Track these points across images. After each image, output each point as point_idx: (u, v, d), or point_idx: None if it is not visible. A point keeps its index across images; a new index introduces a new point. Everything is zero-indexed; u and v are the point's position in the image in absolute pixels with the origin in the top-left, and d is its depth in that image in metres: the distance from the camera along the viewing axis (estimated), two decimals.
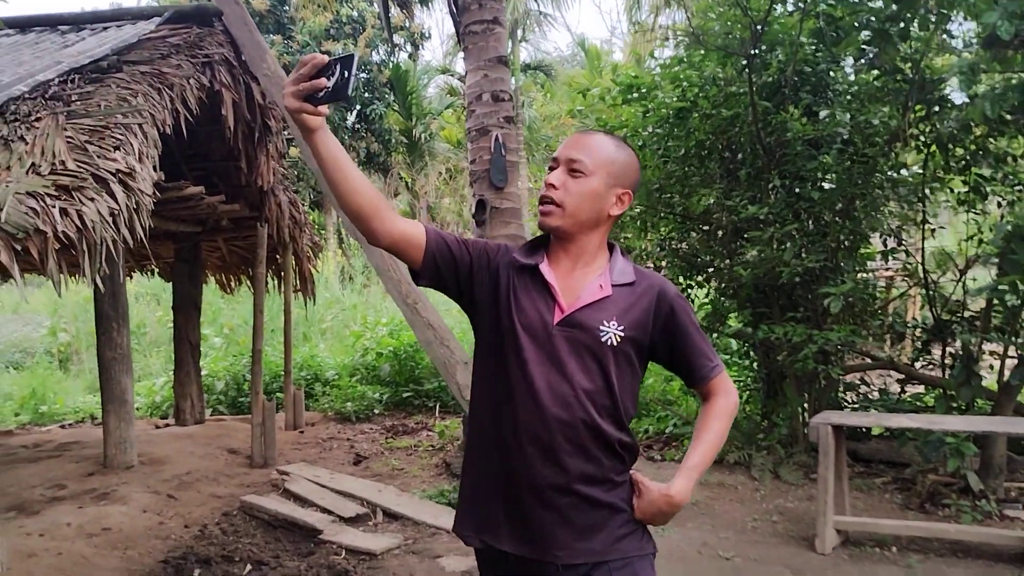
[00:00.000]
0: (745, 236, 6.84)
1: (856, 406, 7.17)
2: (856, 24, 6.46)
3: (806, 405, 7.21)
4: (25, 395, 11.62)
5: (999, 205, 7.33)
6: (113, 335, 7.02)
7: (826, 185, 7.07)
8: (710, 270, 7.75)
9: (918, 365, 7.21)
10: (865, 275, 7.62)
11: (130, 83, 5.34)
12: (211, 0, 6.57)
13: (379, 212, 1.97)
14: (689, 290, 7.97)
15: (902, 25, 6.14)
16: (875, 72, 6.87)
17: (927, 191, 7.10)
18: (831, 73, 7.10)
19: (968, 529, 5.10)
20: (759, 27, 6.52)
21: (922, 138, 6.97)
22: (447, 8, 7.78)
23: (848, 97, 7.03)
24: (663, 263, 8.12)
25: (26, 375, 12.95)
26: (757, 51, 6.71)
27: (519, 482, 2.00)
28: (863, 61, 6.98)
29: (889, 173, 7.11)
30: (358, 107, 21.46)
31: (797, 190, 6.83)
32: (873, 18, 6.35)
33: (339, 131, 20.75)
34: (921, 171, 7.05)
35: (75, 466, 7.10)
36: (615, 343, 2.01)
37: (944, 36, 6.72)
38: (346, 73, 1.77)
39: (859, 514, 5.63)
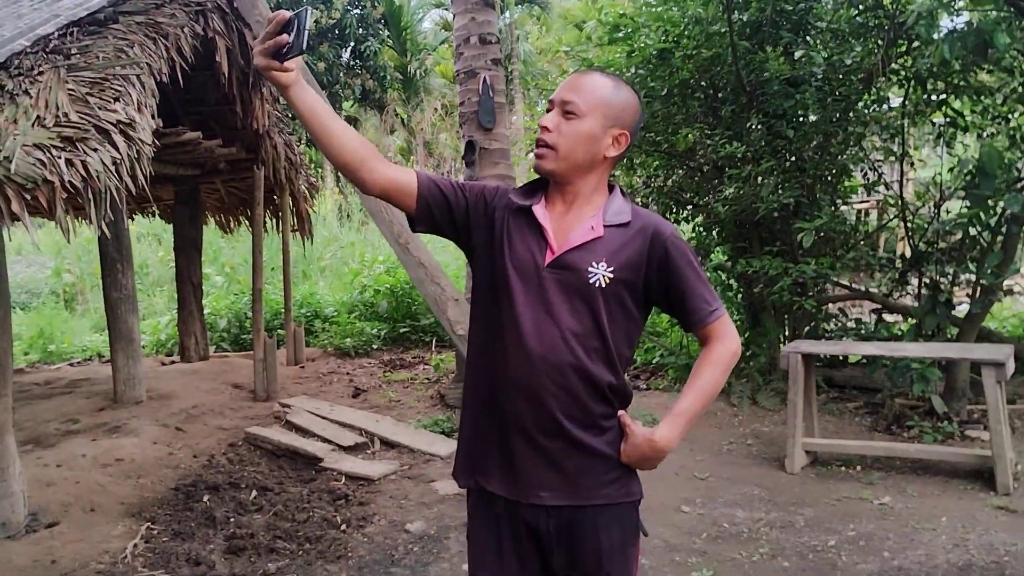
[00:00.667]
0: (727, 173, 7.07)
1: (834, 335, 7.47)
2: None
3: (786, 334, 7.52)
4: (33, 335, 11.93)
5: (979, 137, 7.55)
6: (118, 276, 7.30)
7: (810, 119, 7.27)
8: (689, 208, 7.98)
9: (897, 295, 7.49)
10: (844, 208, 7.84)
11: (127, 34, 5.52)
12: None
13: (366, 162, 1.99)
14: (675, 225, 8.23)
15: None
16: (856, 9, 7.01)
17: (906, 125, 7.31)
18: (812, 10, 7.24)
19: (927, 448, 5.45)
20: None
21: (902, 72, 7.14)
22: None
23: (828, 35, 7.19)
24: (650, 199, 8.36)
25: (33, 315, 13.25)
26: None
27: (509, 424, 2.01)
28: None
29: (872, 107, 7.30)
30: (352, 44, 21.43)
31: (779, 128, 7.04)
32: None
33: (334, 68, 20.75)
34: (902, 105, 7.25)
35: (86, 401, 7.44)
36: (603, 284, 1.98)
37: None
38: (301, 28, 1.81)
39: (829, 436, 5.97)
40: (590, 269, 1.98)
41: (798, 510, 4.77)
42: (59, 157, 4.22)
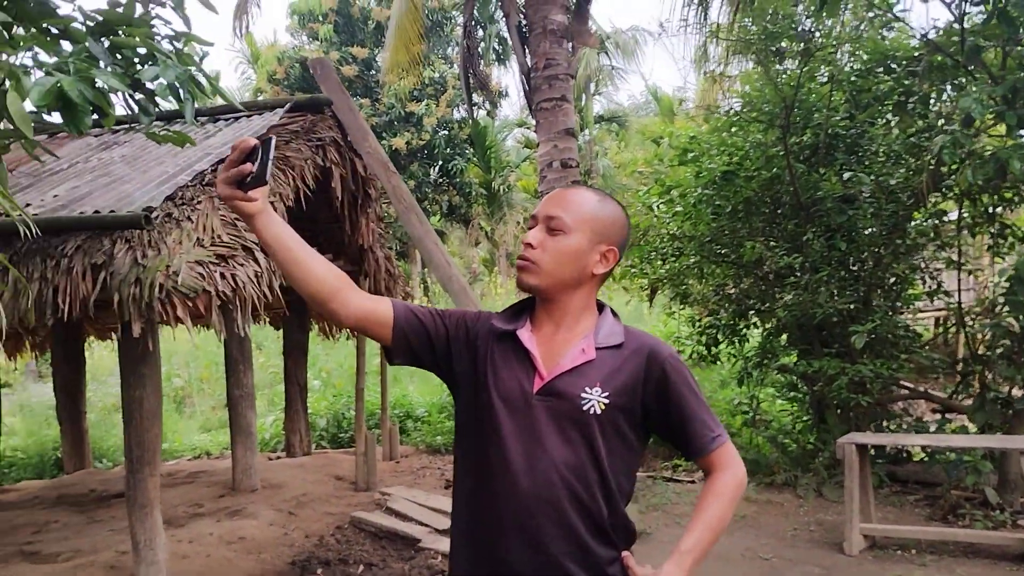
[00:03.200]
0: (787, 281, 7.71)
1: (896, 431, 7.91)
2: (877, 94, 7.33)
3: (850, 431, 7.98)
4: None
5: None
6: (240, 376, 8.20)
7: (865, 233, 7.89)
8: (751, 313, 8.61)
9: (961, 397, 7.89)
10: (901, 314, 8.32)
11: None
12: (322, 92, 7.75)
13: (337, 293, 1.90)
14: (745, 330, 8.87)
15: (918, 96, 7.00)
16: (910, 130, 7.64)
17: (963, 236, 7.86)
18: (865, 134, 7.93)
19: (976, 532, 5.89)
20: (790, 104, 7.42)
21: (955, 189, 7.73)
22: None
23: (881, 157, 7.85)
24: (720, 306, 8.99)
25: None
26: (791, 122, 7.59)
27: (503, 572, 1.85)
28: (892, 124, 7.83)
29: (930, 221, 7.88)
30: (440, 163, 22.74)
31: (835, 241, 7.68)
32: (890, 88, 7.22)
33: (423, 185, 22.01)
34: (959, 218, 7.82)
35: (208, 490, 8.25)
36: (599, 411, 1.85)
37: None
38: (265, 157, 1.77)
39: (889, 524, 6.41)
40: (583, 395, 1.86)
41: None
42: (215, 271, 5.12)
